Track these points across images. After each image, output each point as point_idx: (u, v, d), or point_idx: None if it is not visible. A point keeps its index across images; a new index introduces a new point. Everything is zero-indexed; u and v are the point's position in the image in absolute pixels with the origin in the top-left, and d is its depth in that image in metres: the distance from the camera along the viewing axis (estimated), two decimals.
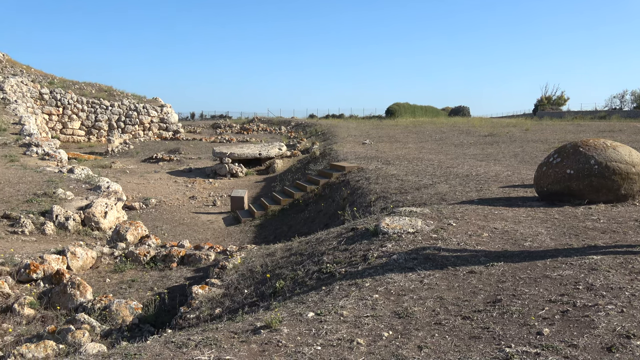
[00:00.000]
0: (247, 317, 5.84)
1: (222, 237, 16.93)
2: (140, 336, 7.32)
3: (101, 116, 39.11)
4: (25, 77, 38.88)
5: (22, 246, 11.96)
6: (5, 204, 14.15)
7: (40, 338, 7.66)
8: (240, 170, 26.47)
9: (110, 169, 26.70)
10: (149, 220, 17.85)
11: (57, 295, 9.11)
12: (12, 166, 18.64)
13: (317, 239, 9.21)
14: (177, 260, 10.93)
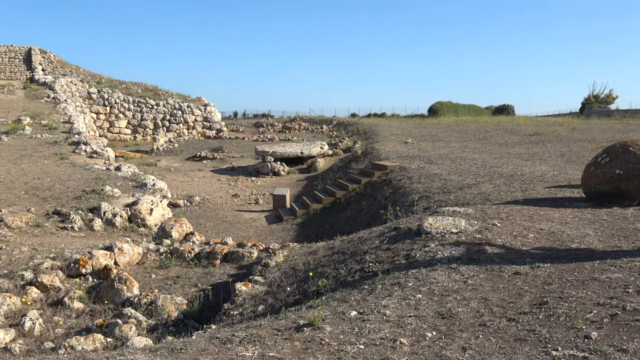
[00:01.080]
0: (290, 314, 5.89)
1: (265, 235, 17.07)
2: (185, 331, 7.45)
3: (147, 115, 39.91)
4: (74, 77, 39.98)
5: (72, 242, 12.31)
6: (56, 201, 14.58)
7: (89, 331, 7.88)
8: (282, 168, 26.63)
9: (156, 167, 27.21)
10: (193, 218, 18.13)
11: (104, 290, 9.34)
12: (62, 164, 19.19)
13: (360, 238, 9.21)
14: (220, 257, 11.07)
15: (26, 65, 40.80)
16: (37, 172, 17.81)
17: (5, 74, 39.01)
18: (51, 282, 9.31)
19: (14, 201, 14.42)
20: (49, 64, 42.22)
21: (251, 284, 8.62)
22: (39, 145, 22.30)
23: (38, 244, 11.85)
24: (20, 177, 16.95)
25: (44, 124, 26.12)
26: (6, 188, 15.63)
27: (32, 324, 7.99)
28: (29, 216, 13.13)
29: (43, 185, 16.00)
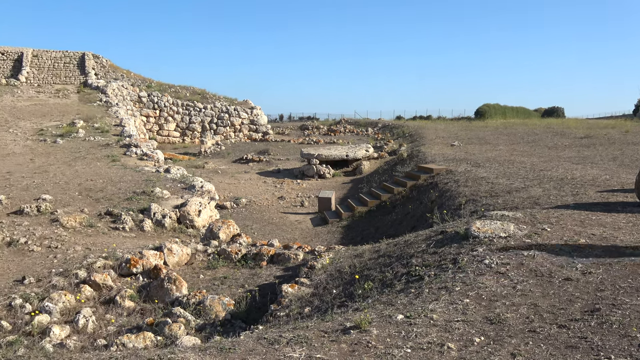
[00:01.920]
0: (336, 317, 5.92)
1: (310, 237, 17.15)
2: (232, 331, 7.56)
3: (195, 118, 40.61)
4: (125, 81, 41.02)
5: (123, 242, 12.63)
6: (108, 202, 14.99)
7: (140, 329, 8.08)
8: (327, 171, 26.71)
9: (203, 169, 27.66)
10: (240, 219, 18.36)
11: (154, 289, 9.55)
12: (113, 166, 19.72)
13: (406, 242, 9.17)
14: (266, 258, 11.19)
15: (80, 70, 42.05)
16: (90, 173, 18.35)
17: (61, 79, 40.29)
18: (104, 281, 9.58)
19: (68, 202, 14.90)
20: (102, 68, 43.42)
21: (297, 285, 8.68)
22: (92, 147, 22.96)
23: (91, 243, 12.21)
24: (74, 179, 17.50)
25: (96, 127, 26.87)
26: (61, 189, 16.16)
27: (85, 321, 8.23)
28: (83, 216, 13.54)
29: (96, 187, 16.48)
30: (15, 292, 9.16)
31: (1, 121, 27.45)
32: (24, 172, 18.44)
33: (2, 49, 42.82)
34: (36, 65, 41.78)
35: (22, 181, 17.12)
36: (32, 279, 9.89)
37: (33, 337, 7.68)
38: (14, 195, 15.29)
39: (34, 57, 42.63)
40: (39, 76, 40.22)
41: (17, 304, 8.60)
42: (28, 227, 12.84)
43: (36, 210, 13.85)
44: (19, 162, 20.20)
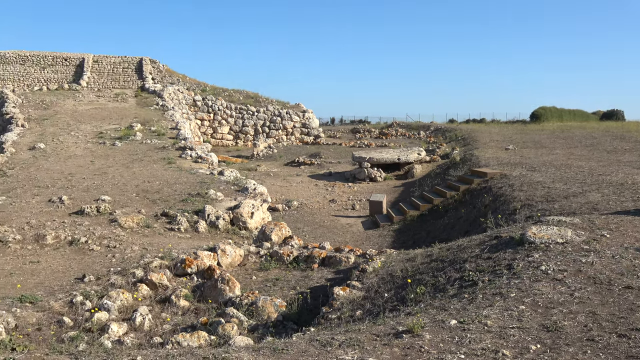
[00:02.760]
0: (388, 320, 5.90)
1: (361, 240, 17.14)
2: (284, 332, 7.62)
3: (248, 121, 41.20)
4: (181, 86, 41.95)
5: (178, 242, 12.92)
6: (164, 203, 15.37)
7: (194, 328, 8.23)
8: (378, 174, 26.62)
9: (256, 171, 28.01)
10: (291, 222, 18.49)
11: (208, 290, 9.72)
12: (169, 168, 20.20)
13: (459, 246, 9.06)
14: (318, 261, 11.23)
15: (138, 74, 43.24)
16: (147, 175, 18.85)
17: (119, 83, 41.53)
18: (160, 280, 9.82)
19: (126, 203, 15.35)
20: (158, 73, 44.52)
21: (349, 288, 8.69)
22: (149, 150, 23.57)
23: (148, 243, 12.54)
24: (132, 180, 18.01)
25: (153, 130, 27.58)
26: (119, 190, 16.66)
27: (142, 319, 8.45)
28: (140, 217, 13.92)
29: (152, 188, 16.91)
30: (76, 290, 9.49)
31: (64, 125, 28.50)
32: (84, 174, 19.10)
33: (65, 55, 44.48)
34: (96, 70, 43.20)
35: (82, 182, 17.73)
36: (92, 277, 10.23)
37: (92, 334, 7.93)
38: (75, 196, 15.85)
39: (95, 62, 44.10)
40: (99, 81, 41.57)
41: (78, 301, 8.90)
42: (88, 227, 13.29)
43: (96, 210, 14.32)
44: (80, 164, 20.92)
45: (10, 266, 11.06)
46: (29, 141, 24.87)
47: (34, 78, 41.70)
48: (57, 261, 11.44)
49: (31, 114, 30.50)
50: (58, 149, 23.55)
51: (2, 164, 20.80)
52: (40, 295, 9.36)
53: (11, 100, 32.70)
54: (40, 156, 22.25)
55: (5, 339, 6.12)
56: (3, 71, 42.01)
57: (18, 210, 14.62)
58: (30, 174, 19.28)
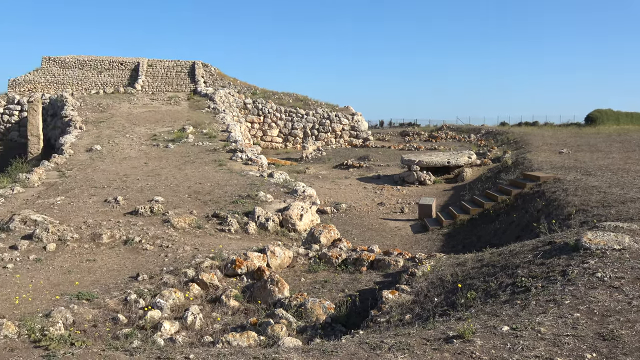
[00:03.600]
0: (438, 325, 5.85)
1: (410, 244, 17.02)
2: (332, 335, 7.64)
3: (297, 124, 41.51)
4: (232, 89, 42.60)
5: (229, 243, 13.11)
6: (215, 204, 15.62)
7: (244, 328, 8.33)
8: (428, 178, 26.39)
9: (305, 174, 28.16)
10: (339, 224, 18.51)
11: (258, 290, 9.83)
12: (220, 170, 20.52)
13: (511, 251, 8.90)
14: (366, 264, 11.22)
15: (190, 78, 44.13)
16: (199, 177, 19.20)
17: (172, 87, 42.46)
18: (210, 280, 9.98)
19: (178, 204, 15.67)
20: (210, 76, 45.32)
21: (398, 292, 8.65)
22: (200, 152, 24.01)
23: (199, 244, 12.77)
24: (184, 182, 18.38)
25: (204, 133, 28.07)
26: (172, 192, 17.02)
27: (193, 318, 8.61)
28: (192, 218, 14.19)
29: (204, 190, 17.22)
30: (130, 288, 9.74)
31: (119, 127, 29.31)
32: (138, 175, 19.60)
33: (121, 59, 45.78)
34: (151, 74, 44.29)
35: (137, 183, 18.20)
36: (146, 276, 10.48)
37: (146, 331, 8.12)
38: (130, 197, 16.29)
39: (149, 66, 45.23)
40: (153, 84, 42.60)
41: (132, 299, 9.14)
42: (142, 226, 13.62)
43: (149, 211, 14.68)
44: (135, 166, 21.48)
45: (68, 264, 11.45)
46: (86, 143, 25.69)
47: (92, 82, 43.06)
48: (112, 260, 11.77)
49: (88, 117, 31.49)
50: (113, 151, 24.25)
51: (61, 165, 21.54)
52: (97, 292, 9.65)
53: (70, 104, 33.85)
54: (96, 158, 22.95)
55: (65, 334, 6.34)
56: (63, 75, 43.53)
57: (76, 209, 15.11)
58: (87, 174, 19.90)
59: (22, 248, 12.07)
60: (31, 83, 42.34)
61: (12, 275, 10.66)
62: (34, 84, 42.21)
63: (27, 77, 42.99)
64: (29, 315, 7.93)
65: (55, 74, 43.66)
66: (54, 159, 22.49)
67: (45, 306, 8.95)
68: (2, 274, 10.77)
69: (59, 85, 42.13)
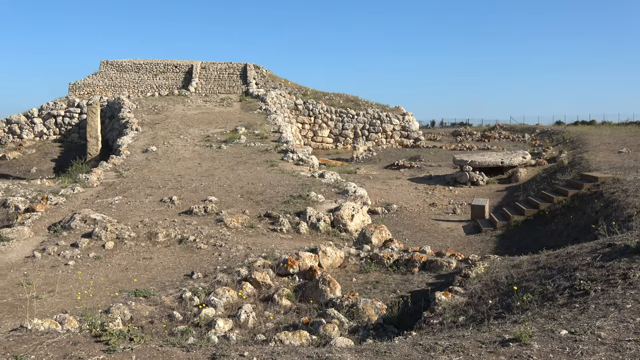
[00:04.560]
0: (494, 327, 5.75)
1: (462, 245, 16.79)
2: (385, 335, 7.61)
3: (347, 125, 41.51)
4: (283, 90, 42.95)
5: (280, 243, 13.24)
6: (267, 204, 15.79)
7: (296, 327, 8.39)
8: (480, 178, 25.96)
9: (355, 174, 28.13)
10: (390, 225, 18.41)
11: (309, 290, 9.88)
12: (272, 170, 20.72)
13: (568, 254, 8.67)
14: (418, 265, 11.13)
15: (242, 79, 44.71)
16: (251, 177, 19.44)
17: (225, 88, 43.12)
18: (263, 279, 10.10)
19: (231, 204, 15.91)
20: (261, 78, 45.79)
21: (451, 293, 8.55)
22: (252, 153, 24.31)
23: (251, 243, 12.94)
24: (236, 182, 18.64)
25: (256, 134, 28.40)
26: (225, 192, 17.29)
27: (246, 317, 8.72)
28: (244, 217, 14.39)
29: (256, 190, 17.42)
30: (185, 286, 9.96)
31: (173, 128, 29.95)
32: (192, 175, 19.98)
33: (176, 62, 46.77)
34: (204, 76, 45.08)
35: (191, 183, 18.57)
36: (200, 274, 10.69)
37: (200, 328, 8.27)
38: (184, 197, 16.63)
39: (202, 69, 46.05)
40: (206, 86, 43.35)
41: (187, 297, 9.34)
42: (196, 226, 13.89)
43: (203, 210, 14.95)
44: (189, 166, 21.91)
45: (126, 262, 11.78)
46: (142, 144, 26.36)
47: (147, 85, 44.14)
48: (168, 258, 12.05)
49: (144, 119, 32.30)
50: (168, 152, 24.80)
51: (119, 166, 22.17)
52: (153, 290, 9.90)
53: (127, 106, 34.81)
54: (152, 158, 23.52)
55: (124, 329, 6.52)
56: (120, 79, 44.78)
57: (133, 209, 15.54)
58: (144, 175, 20.42)
59: (83, 246, 12.50)
60: (90, 86, 43.73)
61: (73, 272, 11.06)
62: (92, 87, 43.57)
63: (87, 81, 44.42)
64: (89, 310, 8.21)
65: (113, 77, 44.96)
66: (111, 160, 23.19)
67: (104, 302, 9.24)
68: (64, 270, 11.19)
69: (117, 88, 43.37)
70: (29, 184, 20.74)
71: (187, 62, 47.08)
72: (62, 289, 10.06)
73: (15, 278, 10.65)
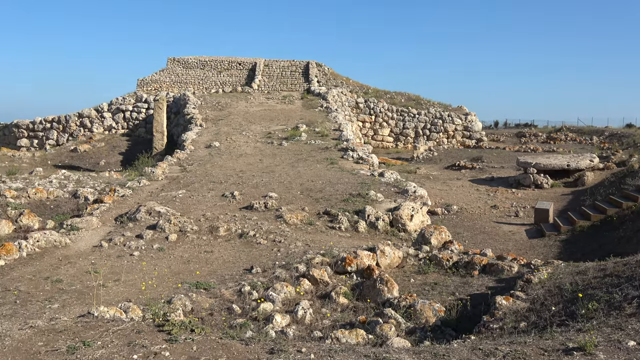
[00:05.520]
0: (557, 335, 5.60)
1: (525, 249, 16.40)
2: (442, 338, 7.52)
3: (408, 124, 41.20)
4: (344, 88, 42.98)
5: (339, 240, 13.27)
6: (326, 202, 15.85)
7: (352, 326, 8.40)
8: (545, 181, 25.25)
9: (415, 174, 27.88)
10: (450, 226, 18.14)
11: (367, 289, 9.87)
12: (331, 168, 20.79)
13: (638, 262, 8.34)
14: (478, 268, 10.94)
15: (304, 77, 44.99)
16: (311, 175, 19.56)
17: (287, 86, 43.50)
18: (321, 276, 10.15)
19: (291, 200, 16.06)
20: (323, 76, 45.96)
21: (512, 298, 8.37)
22: (313, 150, 24.44)
23: (310, 240, 13.02)
24: (296, 179, 18.80)
25: (317, 131, 28.53)
26: (285, 188, 17.47)
27: (303, 313, 8.79)
28: (303, 214, 14.50)
29: (315, 187, 17.52)
30: (245, 280, 10.12)
31: (236, 125, 30.46)
32: (254, 171, 20.28)
33: (240, 59, 47.55)
34: (266, 74, 45.63)
35: (252, 179, 18.85)
36: (259, 269, 10.85)
37: (258, 322, 8.39)
38: (245, 192, 16.90)
39: (265, 66, 46.63)
40: (269, 84, 43.86)
41: (246, 291, 9.49)
42: (256, 221, 14.10)
43: (263, 206, 15.15)
44: (250, 162, 22.25)
45: (188, 254, 12.08)
46: (205, 140, 26.93)
47: (212, 81, 45.03)
48: (228, 252, 12.28)
49: (208, 115, 32.97)
50: (231, 148, 25.25)
51: (183, 160, 22.74)
52: (213, 282, 10.12)
53: (192, 102, 35.62)
54: (215, 154, 24.00)
55: (185, 320, 6.70)
56: (186, 75, 45.87)
57: (195, 203, 15.90)
58: (207, 170, 20.87)
59: (147, 237, 12.89)
60: (157, 82, 44.98)
61: (137, 262, 11.42)
62: (159, 83, 44.81)
63: (154, 77, 45.71)
64: (152, 300, 8.46)
65: (179, 74, 46.08)
66: (176, 155, 23.80)
67: (167, 293, 9.51)
68: (129, 260, 11.57)
69: (182, 85, 44.43)
70: (98, 176, 21.54)
71: (251, 59, 47.76)
72: (127, 278, 10.41)
73: (83, 266, 11.09)
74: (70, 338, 5.83)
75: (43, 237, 12.31)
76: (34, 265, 11.03)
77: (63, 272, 10.74)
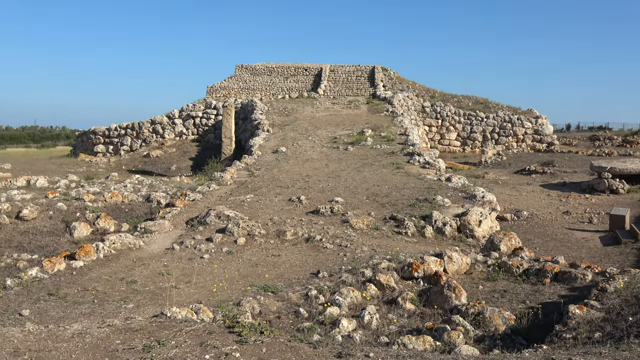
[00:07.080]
0: (634, 347, 5.41)
1: (599, 257, 15.79)
2: (512, 347, 7.36)
3: (476, 128, 40.49)
4: (410, 92, 42.69)
5: (405, 246, 13.20)
6: (392, 207, 15.80)
7: (419, 332, 8.34)
8: (621, 186, 24.24)
9: (483, 179, 27.34)
10: (520, 233, 17.67)
11: (434, 295, 9.77)
12: (397, 173, 20.69)
13: None
14: (550, 276, 10.64)
15: (370, 82, 44.98)
16: (376, 179, 19.53)
17: (352, 91, 43.61)
18: (387, 281, 10.13)
19: (357, 205, 16.09)
20: (389, 80, 45.81)
21: (586, 308, 8.11)
22: (378, 155, 24.40)
23: (376, 245, 13.01)
24: (362, 184, 18.82)
25: (382, 136, 28.46)
26: (351, 193, 17.52)
27: (370, 318, 8.80)
28: (369, 219, 14.50)
29: (381, 192, 17.49)
30: (311, 284, 10.22)
31: (302, 130, 30.78)
32: (320, 176, 20.44)
33: (306, 65, 48.05)
34: (332, 79, 45.90)
35: (318, 184, 19.00)
36: (325, 273, 10.93)
37: (325, 327, 8.46)
38: (311, 197, 17.06)
39: (331, 71, 46.93)
40: (334, 89, 44.09)
41: (313, 295, 9.58)
42: (323, 225, 14.20)
43: (330, 211, 15.25)
44: (316, 167, 22.43)
45: (256, 257, 12.31)
46: (272, 145, 27.35)
47: (278, 87, 45.69)
48: (295, 256, 12.43)
49: (275, 120, 33.47)
50: (297, 153, 25.54)
51: (250, 165, 23.17)
52: (280, 286, 10.27)
53: (259, 108, 36.25)
54: (281, 159, 24.34)
55: (255, 323, 6.85)
56: (253, 82, 46.74)
57: (263, 207, 16.18)
58: (274, 174, 21.19)
59: (217, 240, 13.22)
60: (226, 89, 46.02)
61: (208, 265, 11.73)
62: (228, 90, 45.82)
63: (222, 84, 46.79)
64: (223, 302, 8.68)
65: (247, 81, 46.99)
66: (244, 160, 24.29)
67: (236, 295, 9.73)
68: (199, 263, 11.91)
69: (250, 91, 45.27)
70: (170, 180, 22.25)
71: (317, 65, 48.15)
72: (198, 280, 10.71)
73: (156, 268, 11.50)
74: (146, 337, 6.07)
75: (118, 239, 12.84)
76: (110, 267, 11.52)
77: (137, 273, 11.17)
